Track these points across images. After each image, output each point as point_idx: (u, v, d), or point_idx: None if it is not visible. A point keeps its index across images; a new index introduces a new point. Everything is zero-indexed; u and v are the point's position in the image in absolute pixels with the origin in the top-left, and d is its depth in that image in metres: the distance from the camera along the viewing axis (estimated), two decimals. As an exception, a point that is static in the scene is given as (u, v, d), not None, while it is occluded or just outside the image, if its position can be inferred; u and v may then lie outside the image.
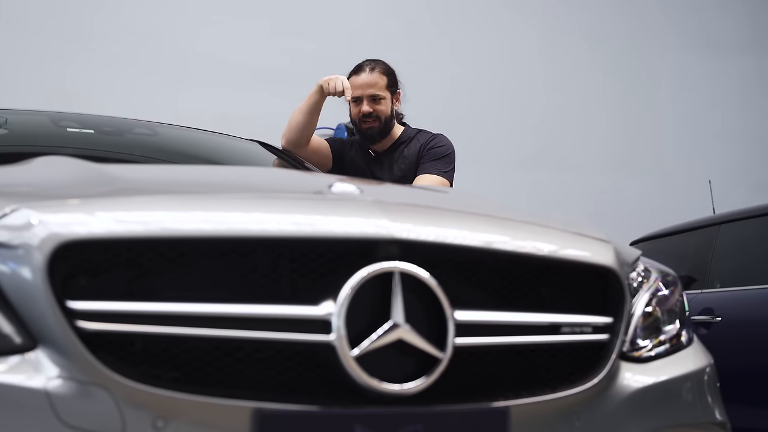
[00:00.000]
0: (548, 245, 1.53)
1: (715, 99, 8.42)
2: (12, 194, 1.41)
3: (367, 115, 3.22)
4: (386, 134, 3.28)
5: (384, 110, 3.24)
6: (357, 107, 3.24)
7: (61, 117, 2.98)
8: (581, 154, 7.95)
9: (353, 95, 3.20)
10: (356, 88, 3.22)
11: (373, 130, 3.23)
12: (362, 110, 3.22)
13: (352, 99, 3.21)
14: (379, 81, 3.24)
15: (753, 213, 4.64)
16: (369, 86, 3.22)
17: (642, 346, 1.65)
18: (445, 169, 3.22)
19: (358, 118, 3.25)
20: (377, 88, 3.23)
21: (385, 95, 3.25)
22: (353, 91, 3.20)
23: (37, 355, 1.21)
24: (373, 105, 3.22)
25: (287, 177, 2.26)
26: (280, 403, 1.25)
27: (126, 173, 1.75)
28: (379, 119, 3.23)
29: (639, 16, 8.34)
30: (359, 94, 3.22)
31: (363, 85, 3.23)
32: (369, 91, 3.22)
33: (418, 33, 7.44)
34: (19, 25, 6.46)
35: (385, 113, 3.24)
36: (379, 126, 3.23)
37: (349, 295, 1.29)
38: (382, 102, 3.23)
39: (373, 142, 3.28)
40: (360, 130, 3.27)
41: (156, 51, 6.75)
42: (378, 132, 3.24)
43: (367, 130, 3.24)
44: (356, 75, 3.26)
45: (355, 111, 3.25)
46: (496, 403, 1.36)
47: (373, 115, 3.22)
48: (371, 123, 3.22)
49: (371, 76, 3.23)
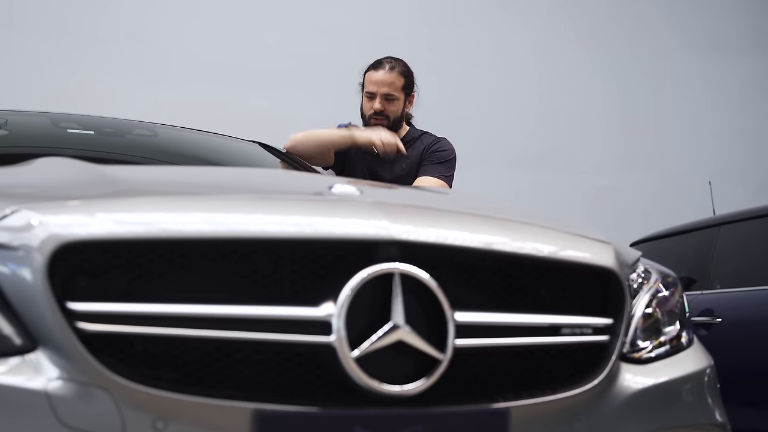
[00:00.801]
0: (548, 246, 1.53)
1: (715, 100, 8.42)
2: (12, 195, 1.42)
3: (378, 112, 3.23)
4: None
5: (395, 111, 3.25)
6: (369, 102, 3.25)
7: (61, 118, 2.98)
8: (581, 155, 7.95)
9: (368, 90, 3.22)
10: (372, 83, 3.24)
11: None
12: (374, 107, 3.23)
13: (366, 93, 3.23)
14: (396, 81, 3.25)
15: (753, 214, 4.64)
16: (385, 84, 3.24)
17: (642, 347, 1.65)
18: (446, 173, 3.24)
19: (368, 114, 3.26)
20: (392, 88, 3.24)
21: (399, 96, 3.26)
22: (368, 86, 3.22)
23: (37, 357, 1.21)
24: (385, 104, 3.23)
25: (287, 178, 2.26)
26: (280, 404, 1.25)
27: (126, 174, 1.75)
28: (388, 119, 3.25)
29: (640, 17, 8.34)
30: (374, 90, 3.24)
31: (379, 82, 3.24)
32: (384, 90, 3.24)
33: (419, 33, 7.44)
34: (14, 24, 6.46)
35: (395, 114, 3.26)
36: (387, 125, 3.24)
37: (349, 296, 1.29)
38: (394, 102, 3.25)
39: None
40: (367, 125, 3.28)
41: (156, 52, 6.75)
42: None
43: (374, 126, 3.25)
44: (374, 70, 3.27)
45: (367, 105, 3.27)
46: (497, 404, 1.36)
47: (383, 113, 3.23)
48: (379, 120, 3.24)
49: (389, 75, 3.25)
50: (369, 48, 4.15)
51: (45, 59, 6.47)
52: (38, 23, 6.53)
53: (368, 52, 3.57)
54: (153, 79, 6.66)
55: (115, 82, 6.53)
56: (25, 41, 6.46)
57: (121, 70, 6.60)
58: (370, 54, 3.42)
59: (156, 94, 6.54)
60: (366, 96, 3.26)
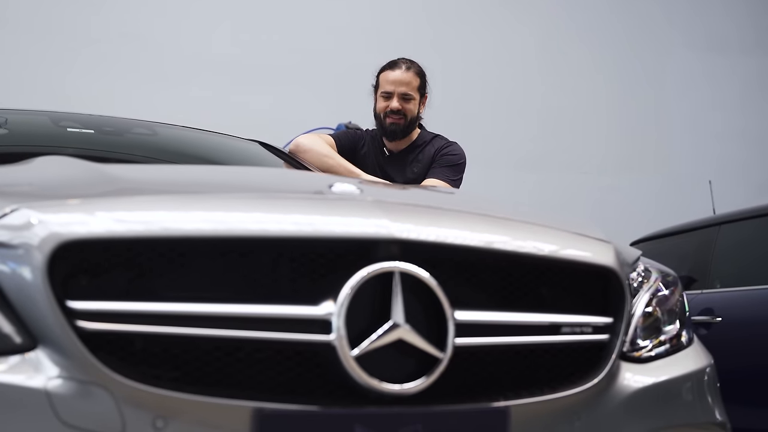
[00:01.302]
0: (548, 245, 1.53)
1: (716, 100, 8.42)
2: (12, 194, 1.42)
3: (395, 111, 3.23)
4: (407, 134, 3.30)
5: (412, 110, 3.26)
6: (386, 102, 3.25)
7: (61, 117, 2.98)
8: (582, 155, 7.95)
9: (385, 90, 3.22)
10: (389, 83, 3.24)
11: (398, 126, 3.25)
12: (391, 106, 3.23)
13: (382, 93, 3.23)
14: (413, 80, 3.26)
15: (753, 213, 4.64)
16: (402, 84, 3.24)
17: (642, 346, 1.65)
18: (454, 177, 3.24)
19: (383, 113, 3.26)
20: (410, 87, 3.25)
21: (416, 96, 3.27)
22: (385, 85, 3.22)
23: (37, 355, 1.21)
24: (403, 103, 3.24)
25: (287, 177, 2.26)
26: (280, 403, 1.25)
27: (126, 173, 1.75)
28: (406, 117, 3.25)
29: (642, 17, 8.34)
30: (391, 90, 3.24)
31: (396, 81, 3.24)
32: (401, 89, 3.24)
33: (420, 33, 7.44)
34: (8, 24, 6.45)
35: (413, 113, 3.27)
36: (404, 124, 3.25)
37: (349, 295, 1.28)
38: (411, 102, 3.26)
39: (394, 138, 3.29)
40: (383, 125, 3.28)
41: (152, 50, 6.75)
42: (401, 130, 3.26)
43: (391, 125, 3.25)
44: (391, 70, 3.28)
45: (383, 105, 3.26)
46: (496, 403, 1.36)
47: (401, 112, 3.24)
48: (397, 119, 3.24)
49: (407, 74, 3.26)
50: (370, 47, 4.16)
51: (40, 59, 6.47)
52: (32, 23, 6.53)
53: (369, 51, 3.58)
54: (151, 78, 6.66)
55: (111, 82, 6.53)
56: (19, 41, 6.46)
57: (116, 69, 6.59)
58: (372, 53, 3.43)
59: (153, 93, 6.54)
60: (382, 96, 3.26)
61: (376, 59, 3.41)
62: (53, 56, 6.49)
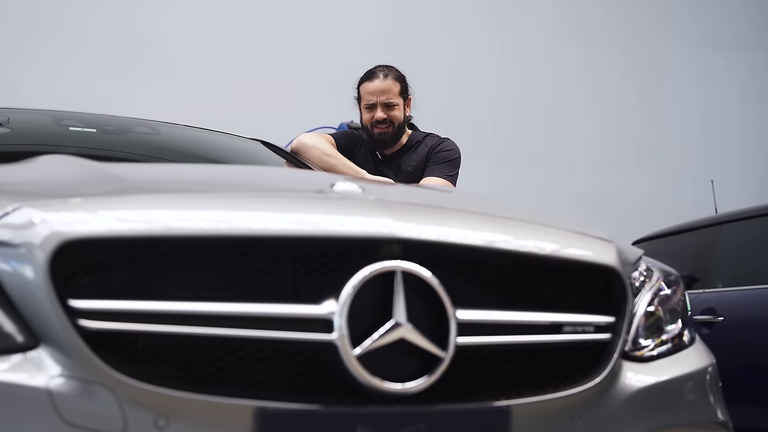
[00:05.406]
0: (550, 244, 1.53)
1: (717, 98, 8.41)
2: (14, 193, 1.42)
3: (381, 121, 3.25)
4: (398, 140, 3.32)
5: (398, 116, 3.28)
6: (370, 113, 3.27)
7: (63, 116, 2.98)
8: (582, 154, 7.95)
9: (367, 102, 3.23)
10: (370, 94, 3.26)
11: (386, 135, 3.27)
12: (376, 116, 3.25)
13: (365, 106, 3.24)
14: (392, 87, 3.27)
15: (755, 213, 4.63)
16: (383, 93, 3.25)
17: (644, 345, 1.65)
18: (450, 173, 3.25)
19: (370, 124, 3.27)
20: (391, 95, 3.26)
21: (399, 102, 3.28)
22: (366, 97, 3.23)
23: (39, 354, 1.21)
24: (387, 111, 3.25)
25: (289, 176, 2.26)
26: (282, 402, 1.24)
27: (128, 172, 1.75)
28: (393, 125, 3.27)
29: (642, 14, 8.33)
30: (373, 101, 3.25)
31: (377, 91, 3.25)
32: (383, 98, 3.25)
33: (420, 32, 7.44)
34: (11, 22, 6.45)
35: (399, 119, 3.28)
36: (393, 131, 3.27)
37: (351, 294, 1.28)
38: (395, 108, 3.27)
39: (385, 147, 3.32)
40: (372, 136, 3.29)
41: (157, 51, 6.75)
42: (391, 137, 3.29)
43: (380, 135, 3.27)
44: (369, 81, 3.28)
45: (368, 117, 3.28)
46: (498, 402, 1.36)
47: (387, 120, 3.26)
48: (385, 128, 3.26)
49: (385, 83, 3.27)
50: (372, 47, 4.16)
51: (41, 58, 6.46)
52: (35, 21, 6.52)
53: (371, 50, 3.58)
54: (153, 77, 6.66)
55: (113, 81, 6.53)
56: (21, 40, 6.46)
57: (118, 69, 6.59)
58: (374, 53, 3.43)
59: (154, 92, 6.54)
60: (365, 108, 3.28)
61: (377, 59, 3.42)
62: (55, 55, 6.49)
